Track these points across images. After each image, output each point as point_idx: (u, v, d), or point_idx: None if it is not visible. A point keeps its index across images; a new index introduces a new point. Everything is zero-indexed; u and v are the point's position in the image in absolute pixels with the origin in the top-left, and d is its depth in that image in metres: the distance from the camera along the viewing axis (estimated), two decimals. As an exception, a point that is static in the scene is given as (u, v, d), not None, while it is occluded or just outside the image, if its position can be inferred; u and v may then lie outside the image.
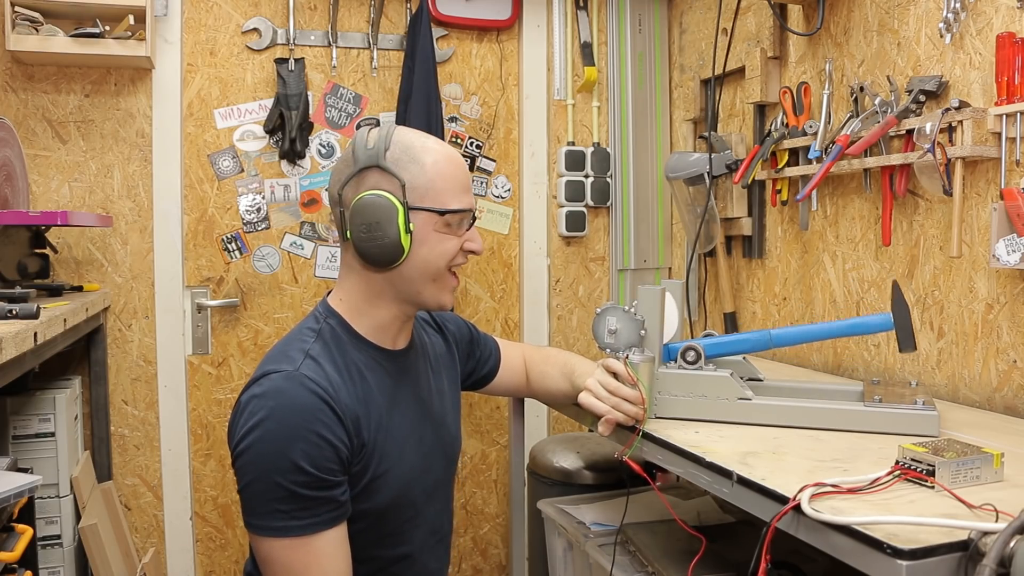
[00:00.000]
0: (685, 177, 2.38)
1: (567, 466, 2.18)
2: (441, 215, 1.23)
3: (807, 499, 0.96)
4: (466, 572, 2.78)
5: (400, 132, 1.26)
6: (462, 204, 1.26)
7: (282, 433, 1.12)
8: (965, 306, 1.69)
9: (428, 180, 1.22)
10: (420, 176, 1.22)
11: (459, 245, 1.27)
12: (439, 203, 1.23)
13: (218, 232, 2.49)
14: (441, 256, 1.25)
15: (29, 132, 2.31)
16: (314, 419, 1.14)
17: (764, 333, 1.49)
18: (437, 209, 1.23)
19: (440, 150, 1.26)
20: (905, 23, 1.82)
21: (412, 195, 1.22)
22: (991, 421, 1.51)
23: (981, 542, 0.84)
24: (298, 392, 1.14)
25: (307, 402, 1.14)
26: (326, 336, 1.25)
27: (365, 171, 1.23)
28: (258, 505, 1.13)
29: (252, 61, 2.49)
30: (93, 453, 2.31)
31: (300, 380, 1.15)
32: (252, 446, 1.13)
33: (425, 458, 1.33)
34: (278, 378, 1.16)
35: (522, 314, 2.75)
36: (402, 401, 1.31)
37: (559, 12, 2.73)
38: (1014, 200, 1.48)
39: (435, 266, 1.25)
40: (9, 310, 1.42)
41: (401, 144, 1.24)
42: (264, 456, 1.12)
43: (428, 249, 1.24)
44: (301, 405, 1.14)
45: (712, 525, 1.79)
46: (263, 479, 1.12)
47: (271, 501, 1.12)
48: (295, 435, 1.12)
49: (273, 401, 1.14)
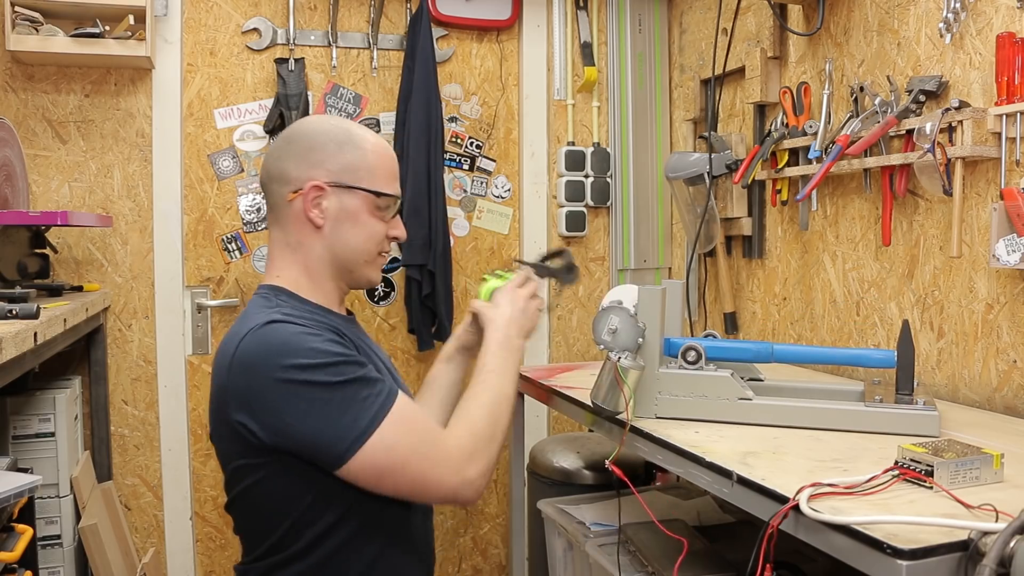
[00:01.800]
0: (685, 177, 2.38)
1: (567, 466, 2.18)
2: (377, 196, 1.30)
3: (806, 499, 0.96)
4: (466, 572, 2.78)
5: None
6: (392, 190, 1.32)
7: (310, 346, 1.14)
8: (965, 306, 1.69)
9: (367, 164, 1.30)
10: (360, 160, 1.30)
11: (385, 230, 1.33)
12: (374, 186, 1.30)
13: (218, 232, 2.49)
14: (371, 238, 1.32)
15: (29, 132, 2.31)
16: (315, 331, 1.17)
17: (766, 346, 1.49)
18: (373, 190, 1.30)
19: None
20: (905, 23, 1.82)
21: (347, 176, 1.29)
22: (991, 421, 1.51)
23: (981, 542, 0.84)
24: (290, 325, 1.17)
25: (302, 327, 1.18)
26: (286, 306, 1.26)
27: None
28: (344, 415, 1.12)
29: (252, 61, 2.49)
30: (93, 453, 2.31)
31: (283, 319, 1.18)
32: (299, 375, 1.12)
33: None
34: (261, 328, 1.17)
35: (522, 314, 2.75)
36: (372, 350, 1.35)
37: (559, 12, 2.73)
38: (1014, 200, 1.48)
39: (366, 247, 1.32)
40: (9, 310, 1.42)
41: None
42: (316, 371, 1.12)
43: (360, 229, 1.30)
44: (301, 328, 1.17)
45: (712, 525, 1.79)
46: (335, 383, 1.13)
47: (353, 399, 1.13)
48: (318, 343, 1.15)
49: (277, 337, 1.15)
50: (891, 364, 1.40)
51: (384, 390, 1.16)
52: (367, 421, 1.12)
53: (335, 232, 1.29)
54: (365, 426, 1.12)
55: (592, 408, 1.46)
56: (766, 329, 2.31)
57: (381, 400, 1.15)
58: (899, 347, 1.37)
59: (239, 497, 1.24)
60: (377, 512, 1.24)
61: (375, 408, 1.14)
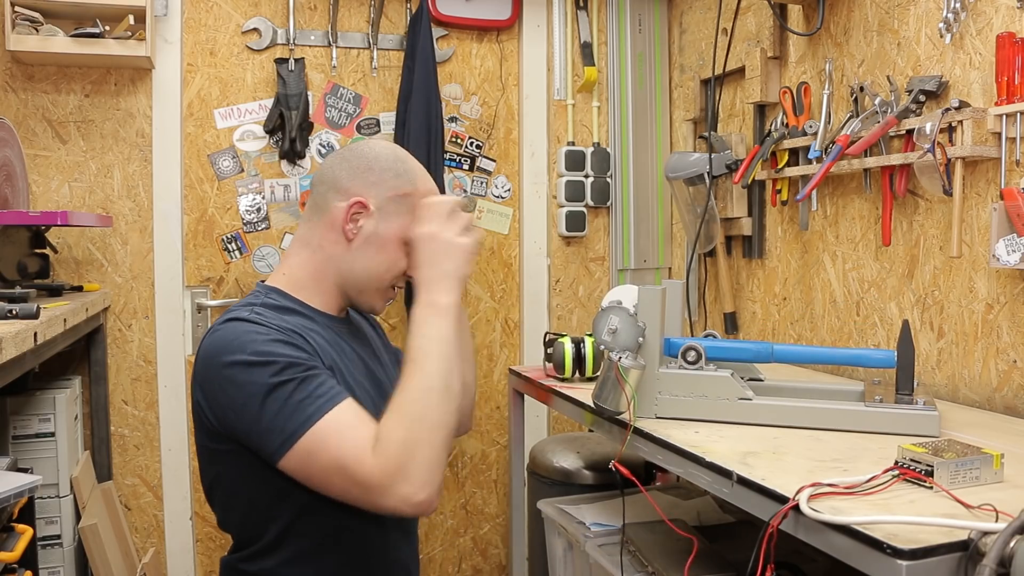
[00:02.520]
0: (685, 177, 2.38)
1: (567, 466, 2.18)
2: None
3: (806, 499, 0.96)
4: (466, 572, 2.78)
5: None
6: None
7: (259, 348, 1.15)
8: (965, 306, 1.69)
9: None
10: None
11: (404, 266, 1.32)
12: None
13: (218, 232, 2.49)
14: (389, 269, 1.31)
15: (29, 132, 2.31)
16: (276, 331, 1.18)
17: (766, 346, 1.49)
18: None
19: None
20: (905, 23, 1.82)
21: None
22: (991, 421, 1.51)
23: (981, 542, 0.84)
24: (252, 325, 1.19)
25: (263, 326, 1.19)
26: (268, 307, 1.27)
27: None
28: (279, 415, 1.12)
29: (252, 61, 2.49)
30: (93, 453, 2.31)
31: (251, 318, 1.20)
32: (244, 373, 1.14)
33: (374, 411, 1.29)
34: (228, 324, 1.20)
35: (522, 314, 2.75)
36: (351, 356, 1.33)
37: (559, 12, 2.73)
38: (1014, 200, 1.48)
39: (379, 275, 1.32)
40: (9, 310, 1.42)
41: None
42: (255, 371, 1.13)
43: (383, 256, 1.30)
44: (261, 327, 1.18)
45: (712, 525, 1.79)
46: (270, 384, 1.13)
47: (288, 400, 1.12)
48: (270, 342, 1.16)
49: (233, 334, 1.18)
50: (891, 364, 1.40)
51: (326, 394, 1.14)
52: (297, 423, 1.12)
53: (359, 251, 1.30)
54: (294, 428, 1.12)
55: (593, 408, 1.46)
56: (766, 329, 2.31)
57: (319, 403, 1.13)
58: (899, 347, 1.37)
59: (213, 484, 1.28)
60: (332, 517, 1.22)
61: (310, 410, 1.12)
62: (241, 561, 1.27)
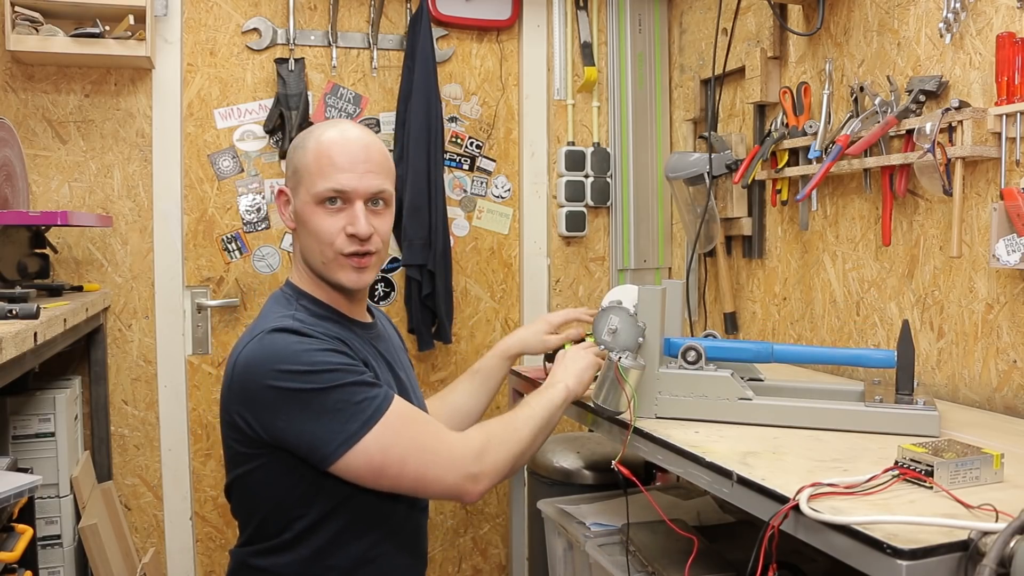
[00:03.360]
0: (685, 177, 2.38)
1: (567, 466, 2.18)
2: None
3: (806, 499, 0.96)
4: (466, 572, 2.78)
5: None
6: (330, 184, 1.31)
7: (307, 357, 1.18)
8: (965, 306, 1.69)
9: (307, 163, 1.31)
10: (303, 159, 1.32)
11: (340, 226, 1.32)
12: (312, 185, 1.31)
13: (218, 232, 2.49)
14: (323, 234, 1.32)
15: (29, 132, 2.31)
16: (319, 340, 1.21)
17: (766, 346, 1.49)
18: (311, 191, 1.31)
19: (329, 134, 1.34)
20: (905, 23, 1.82)
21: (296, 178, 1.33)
22: (991, 421, 1.51)
23: (981, 542, 0.84)
24: (296, 335, 1.21)
25: (307, 335, 1.22)
26: (305, 312, 1.31)
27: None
28: (338, 416, 1.17)
29: (252, 61, 2.49)
30: (93, 453, 2.31)
31: (294, 328, 1.22)
32: (298, 381, 1.17)
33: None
34: (270, 332, 1.22)
35: (522, 314, 2.75)
36: (379, 360, 1.37)
37: (559, 12, 2.73)
38: (1014, 200, 1.48)
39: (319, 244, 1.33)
40: (9, 310, 1.42)
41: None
42: (310, 379, 1.17)
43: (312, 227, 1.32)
44: (305, 336, 1.21)
45: (712, 525, 1.79)
46: (328, 387, 1.17)
47: (347, 403, 1.17)
48: (317, 350, 1.19)
49: (281, 343, 1.20)
50: (891, 364, 1.40)
51: (381, 394, 1.21)
52: (359, 424, 1.18)
53: (301, 235, 1.35)
54: (356, 428, 1.17)
55: (594, 409, 1.46)
56: (766, 329, 2.31)
57: (377, 403, 1.20)
58: (899, 347, 1.37)
59: (236, 482, 1.29)
60: (367, 509, 1.28)
61: (370, 411, 1.19)
62: (253, 556, 1.28)
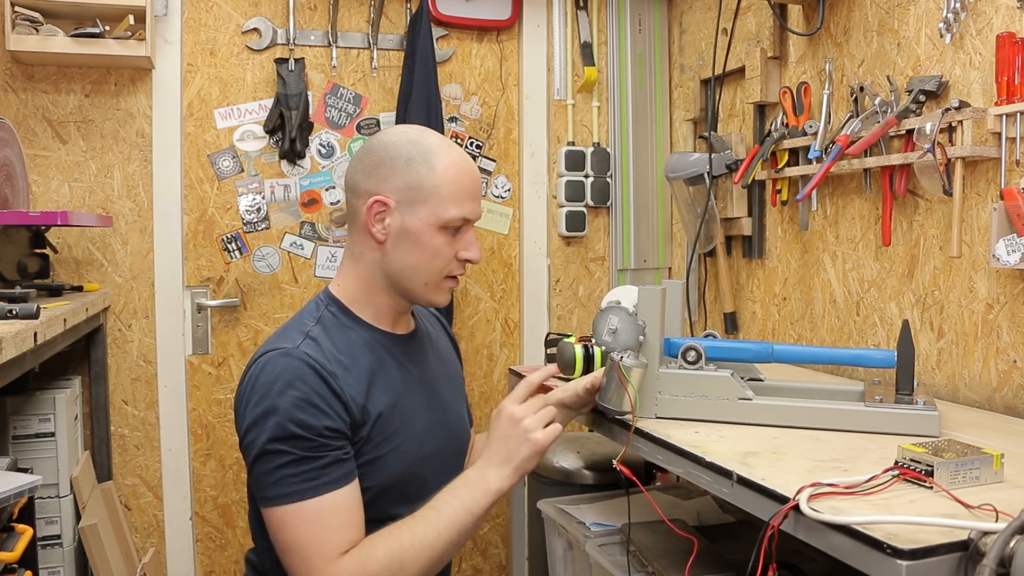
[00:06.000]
0: (685, 177, 2.38)
1: (567, 466, 2.18)
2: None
3: (806, 499, 0.96)
4: (466, 572, 2.78)
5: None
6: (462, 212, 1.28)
7: (278, 403, 1.16)
8: (965, 306, 1.69)
9: (432, 185, 1.26)
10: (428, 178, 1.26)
11: (455, 250, 1.29)
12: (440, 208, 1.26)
13: (218, 232, 2.49)
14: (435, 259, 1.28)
15: (29, 132, 2.31)
16: (309, 389, 1.17)
17: (766, 346, 1.49)
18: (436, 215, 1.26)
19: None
20: (905, 23, 1.82)
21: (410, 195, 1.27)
22: (991, 421, 1.51)
23: (981, 542, 0.84)
24: (295, 366, 1.18)
25: (303, 374, 1.18)
26: (327, 322, 1.28)
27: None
28: (265, 476, 1.17)
29: (252, 61, 2.49)
30: (93, 453, 2.31)
31: (298, 356, 1.19)
32: (256, 422, 1.17)
33: (434, 439, 1.35)
34: (275, 355, 1.20)
35: (522, 314, 2.75)
36: (410, 384, 1.33)
37: (559, 12, 2.73)
38: (1014, 200, 1.48)
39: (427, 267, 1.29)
40: (9, 310, 1.42)
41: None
42: (264, 427, 1.16)
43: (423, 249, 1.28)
44: (297, 377, 1.17)
45: (712, 525, 1.79)
46: (266, 448, 1.16)
47: (276, 469, 1.16)
48: (290, 403, 1.16)
49: (270, 376, 1.18)
50: (891, 364, 1.40)
51: (318, 479, 1.15)
52: (275, 494, 1.16)
53: (395, 250, 1.27)
54: (273, 496, 1.16)
55: (596, 409, 1.46)
56: (766, 329, 2.31)
57: (305, 486, 1.15)
58: (899, 347, 1.37)
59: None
60: (384, 520, 1.24)
61: (290, 489, 1.15)
62: (272, 562, 1.26)
